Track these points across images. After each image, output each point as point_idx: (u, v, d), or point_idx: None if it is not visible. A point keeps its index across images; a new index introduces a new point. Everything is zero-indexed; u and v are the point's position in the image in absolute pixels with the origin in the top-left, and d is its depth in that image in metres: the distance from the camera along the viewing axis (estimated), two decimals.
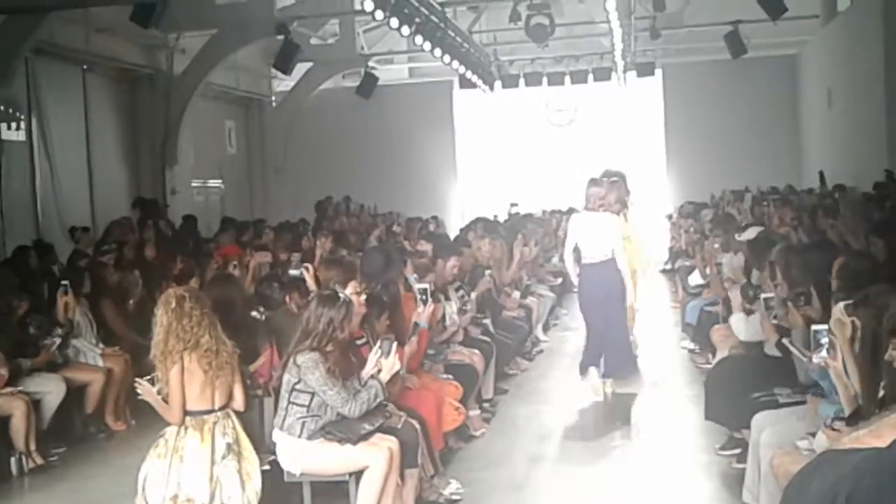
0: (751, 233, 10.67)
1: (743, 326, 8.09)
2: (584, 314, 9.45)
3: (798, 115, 22.58)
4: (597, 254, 9.09)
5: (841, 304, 5.35)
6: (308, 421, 5.91)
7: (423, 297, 7.52)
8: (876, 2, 15.32)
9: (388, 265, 8.18)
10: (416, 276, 8.69)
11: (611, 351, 9.19)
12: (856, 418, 4.79)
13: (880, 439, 3.07)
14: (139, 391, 5.63)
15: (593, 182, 9.44)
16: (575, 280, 9.60)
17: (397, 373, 6.30)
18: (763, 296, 7.33)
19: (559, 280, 15.45)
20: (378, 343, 6.17)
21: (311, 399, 5.89)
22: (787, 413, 6.02)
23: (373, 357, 6.08)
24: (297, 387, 5.90)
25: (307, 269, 8.20)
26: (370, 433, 5.98)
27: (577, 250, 9.36)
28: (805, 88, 22.08)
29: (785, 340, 6.24)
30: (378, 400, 5.96)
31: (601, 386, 9.16)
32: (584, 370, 9.25)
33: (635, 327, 10.63)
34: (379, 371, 6.04)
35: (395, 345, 6.14)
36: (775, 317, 7.10)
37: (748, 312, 8.06)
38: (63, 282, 9.04)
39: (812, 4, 19.29)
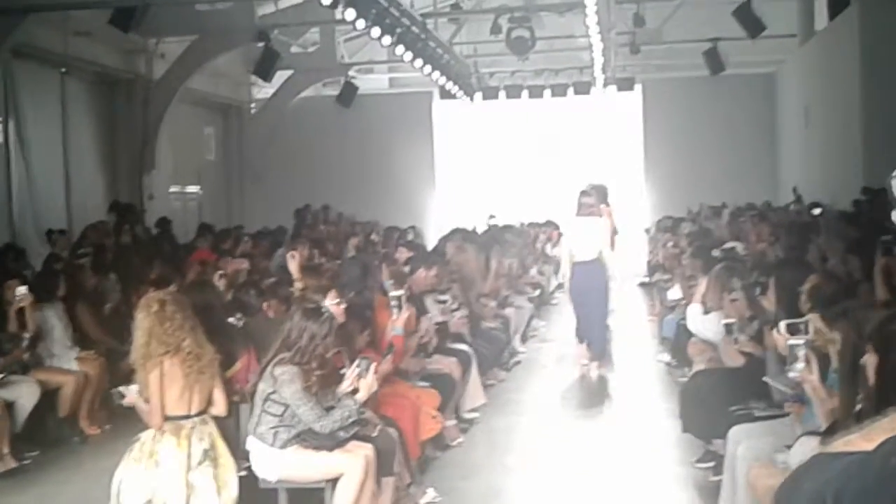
0: (726, 247, 10.79)
1: (699, 320, 8.30)
2: (574, 303, 11.32)
3: (775, 132, 22.74)
4: (586, 254, 10.91)
5: (783, 324, 5.44)
6: (281, 430, 5.88)
7: (398, 304, 7.51)
8: (853, 22, 15.48)
9: (366, 275, 8.18)
10: (392, 281, 8.67)
11: (594, 334, 11.16)
12: (831, 432, 4.82)
13: (871, 443, 3.11)
14: (123, 402, 5.60)
15: (584, 193, 11.23)
16: (568, 274, 11.33)
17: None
18: (723, 321, 7.41)
19: (537, 291, 15.49)
20: (356, 362, 6.13)
21: (285, 410, 5.86)
22: (764, 426, 6.05)
23: (350, 375, 6.05)
24: (272, 397, 5.87)
25: (293, 256, 8.18)
26: (346, 440, 5.96)
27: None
28: (782, 106, 22.25)
29: (767, 379, 6.29)
30: (351, 420, 5.92)
31: (586, 355, 11.18)
32: (580, 339, 11.36)
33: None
34: (355, 391, 6.01)
35: (373, 365, 6.11)
36: (736, 340, 7.21)
37: (706, 312, 8.41)
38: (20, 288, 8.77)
39: (790, 23, 19.47)
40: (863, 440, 3.20)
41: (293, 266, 8.03)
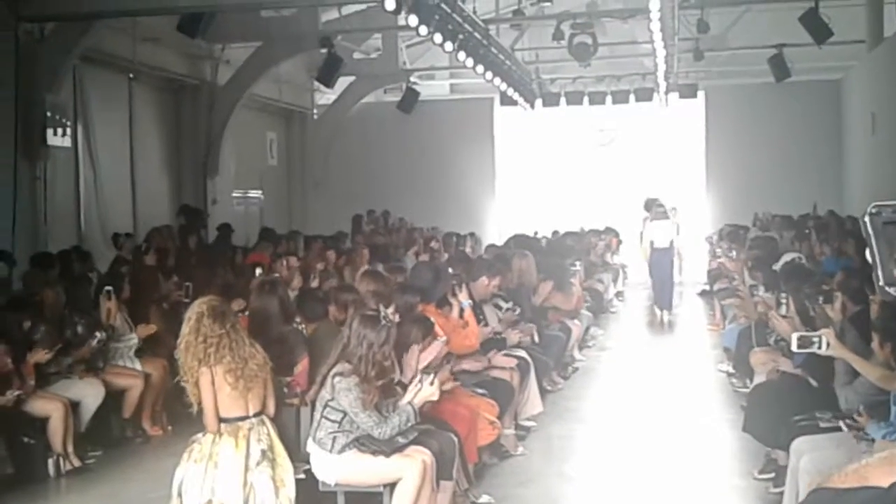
0: (785, 259, 10.64)
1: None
2: (653, 275, 16.88)
3: (841, 140, 22.36)
4: (662, 243, 16.64)
5: (795, 336, 5.92)
6: (339, 436, 5.91)
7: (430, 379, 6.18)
8: None
9: (437, 280, 8.17)
10: (470, 301, 8.65)
11: (665, 294, 16.76)
12: None
13: (865, 480, 2.98)
14: None
15: (658, 204, 17.09)
16: (648, 255, 16.83)
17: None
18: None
19: (603, 287, 15.66)
20: (418, 378, 6.13)
21: (343, 416, 5.89)
22: (828, 439, 5.95)
23: (412, 389, 6.07)
24: (331, 404, 5.90)
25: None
26: (404, 445, 5.97)
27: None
28: (849, 113, 21.88)
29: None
30: (409, 424, 5.94)
31: (665, 316, 16.62)
32: (657, 306, 16.85)
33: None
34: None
35: (436, 378, 6.12)
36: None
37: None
38: (107, 287, 9.12)
39: (858, 29, 19.13)
40: (857, 476, 3.06)
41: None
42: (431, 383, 6.02)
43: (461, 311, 8.45)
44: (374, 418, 5.83)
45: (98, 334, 8.70)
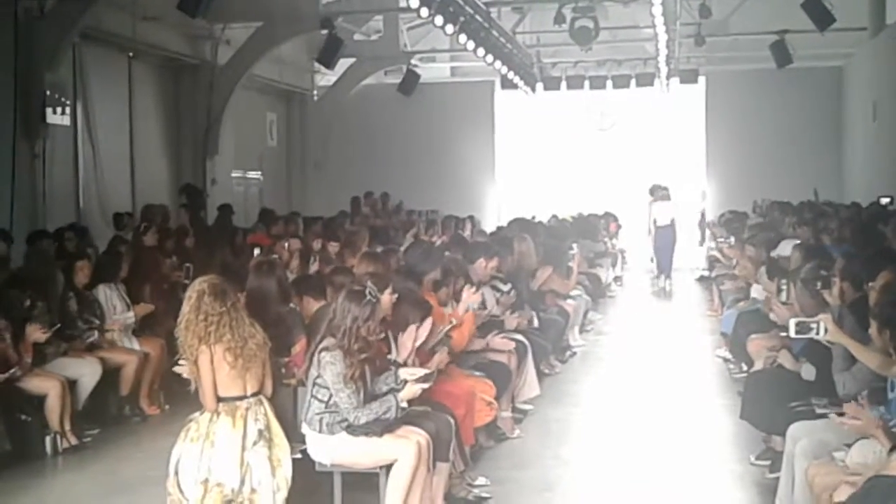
0: (784, 246, 10.63)
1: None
2: (656, 248, 19.21)
3: (842, 127, 22.34)
4: (664, 221, 18.91)
5: (793, 321, 5.89)
6: (325, 416, 5.91)
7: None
8: None
9: (427, 258, 8.15)
10: (476, 305, 8.59)
11: (665, 262, 19.04)
12: None
13: None
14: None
15: (660, 188, 19.20)
16: (652, 232, 19.12)
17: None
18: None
19: (602, 271, 15.78)
20: (412, 373, 6.12)
21: (330, 396, 5.88)
22: (824, 424, 5.95)
23: (409, 374, 6.08)
24: (318, 381, 5.91)
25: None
26: (393, 424, 5.95)
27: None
28: (850, 100, 21.85)
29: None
30: (388, 416, 5.90)
31: (665, 283, 18.95)
32: (659, 276, 19.19)
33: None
34: (404, 383, 6.01)
35: (426, 382, 6.09)
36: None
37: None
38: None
39: (860, 16, 19.10)
40: None
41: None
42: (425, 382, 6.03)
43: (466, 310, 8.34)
44: (353, 401, 5.82)
45: (95, 320, 8.75)
